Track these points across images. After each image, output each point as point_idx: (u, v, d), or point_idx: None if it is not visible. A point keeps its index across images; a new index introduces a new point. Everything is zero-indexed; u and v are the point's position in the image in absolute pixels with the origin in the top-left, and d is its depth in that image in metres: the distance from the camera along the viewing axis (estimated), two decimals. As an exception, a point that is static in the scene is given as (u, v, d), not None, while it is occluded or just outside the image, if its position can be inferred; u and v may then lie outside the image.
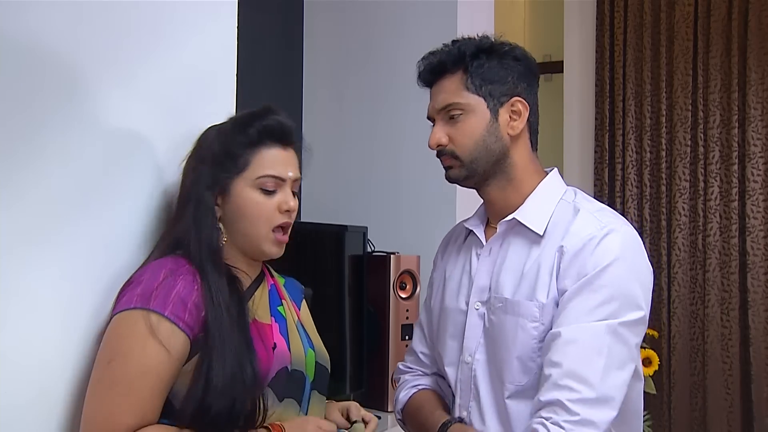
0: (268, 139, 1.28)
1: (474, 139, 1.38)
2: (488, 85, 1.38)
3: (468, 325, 1.42)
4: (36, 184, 1.14)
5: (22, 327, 1.12)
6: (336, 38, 2.86)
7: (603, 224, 1.32)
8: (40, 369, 1.16)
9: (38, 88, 1.15)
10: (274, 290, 1.38)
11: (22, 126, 1.12)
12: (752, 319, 3.30)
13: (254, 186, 1.27)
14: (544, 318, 1.31)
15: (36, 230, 1.15)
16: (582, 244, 1.30)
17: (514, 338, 1.33)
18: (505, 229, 1.42)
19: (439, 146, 1.41)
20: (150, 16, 1.37)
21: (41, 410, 1.16)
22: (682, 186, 3.48)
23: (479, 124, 1.38)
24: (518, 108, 1.39)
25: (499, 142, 1.38)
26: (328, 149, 2.82)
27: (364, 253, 2.25)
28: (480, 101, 1.38)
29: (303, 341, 1.35)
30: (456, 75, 1.39)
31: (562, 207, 1.39)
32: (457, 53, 1.39)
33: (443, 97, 1.40)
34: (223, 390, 1.15)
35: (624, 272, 1.28)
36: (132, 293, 1.18)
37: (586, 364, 1.23)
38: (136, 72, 1.34)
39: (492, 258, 1.43)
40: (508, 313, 1.35)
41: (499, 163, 1.39)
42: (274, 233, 1.29)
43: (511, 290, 1.36)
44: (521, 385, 1.33)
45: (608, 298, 1.26)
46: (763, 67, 3.37)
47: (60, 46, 1.18)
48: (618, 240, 1.30)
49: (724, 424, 3.32)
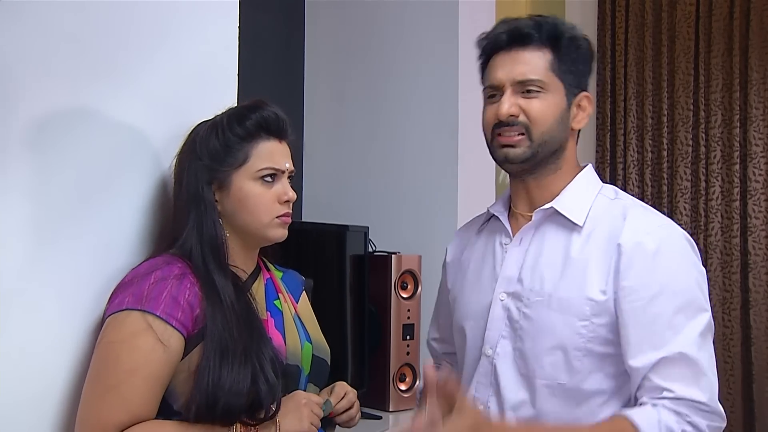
0: (265, 131, 1.30)
1: (549, 121, 1.31)
2: (569, 73, 1.33)
3: (491, 317, 1.36)
4: (37, 184, 1.14)
5: (22, 327, 1.12)
6: (337, 38, 2.86)
7: (660, 223, 1.31)
8: (41, 369, 1.16)
9: (39, 88, 1.15)
10: (271, 284, 1.39)
11: (22, 126, 1.12)
12: (754, 318, 3.30)
13: (254, 179, 1.28)
14: (596, 318, 1.26)
15: (37, 230, 1.15)
16: (643, 242, 1.26)
17: (558, 335, 1.28)
18: (540, 218, 1.36)
19: (511, 116, 1.31)
20: (152, 16, 1.37)
21: (42, 410, 1.17)
22: (683, 186, 3.48)
23: (557, 107, 1.32)
24: (584, 104, 1.36)
25: (565, 131, 1.34)
26: (329, 149, 2.82)
27: (365, 253, 2.25)
28: (560, 86, 1.32)
29: (300, 335, 1.36)
30: (543, 51, 1.32)
31: (603, 202, 1.34)
32: (551, 29, 1.32)
33: (526, 69, 1.31)
34: (236, 387, 1.16)
35: (692, 272, 1.28)
36: (124, 294, 1.19)
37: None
38: (138, 72, 1.34)
39: (523, 248, 1.36)
40: (552, 309, 1.29)
41: (557, 153, 1.34)
42: (278, 218, 1.31)
43: (552, 284, 1.30)
44: (561, 384, 1.28)
45: (684, 304, 1.25)
46: (765, 66, 3.37)
47: (60, 46, 1.18)
48: (678, 240, 1.29)
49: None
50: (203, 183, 1.27)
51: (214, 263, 1.24)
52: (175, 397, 1.20)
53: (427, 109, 2.58)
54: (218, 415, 1.15)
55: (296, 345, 1.33)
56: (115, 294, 1.21)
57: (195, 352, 1.19)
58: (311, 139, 2.82)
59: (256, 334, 1.23)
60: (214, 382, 1.15)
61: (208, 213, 1.27)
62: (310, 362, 1.35)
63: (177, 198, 1.31)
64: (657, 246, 1.26)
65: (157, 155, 1.37)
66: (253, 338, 1.22)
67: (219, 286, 1.22)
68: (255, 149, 1.29)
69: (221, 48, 1.55)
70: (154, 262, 1.23)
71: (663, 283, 1.25)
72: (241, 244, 1.32)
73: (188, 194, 1.28)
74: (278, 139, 1.32)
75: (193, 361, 1.19)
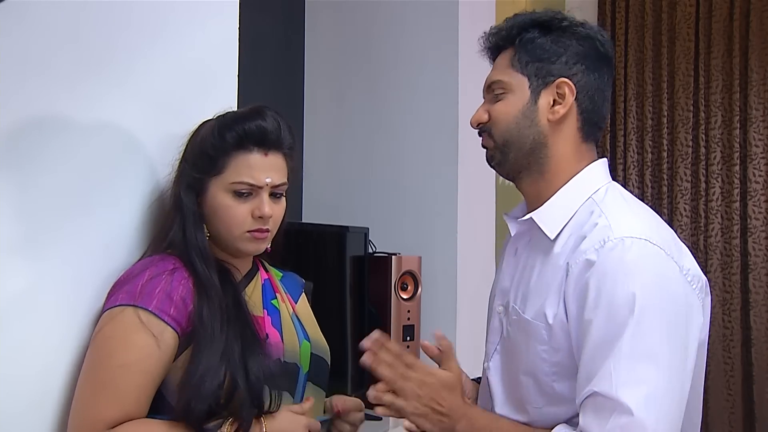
0: (249, 143, 1.25)
1: (507, 120, 1.23)
2: (535, 62, 1.22)
3: (490, 329, 1.32)
4: (35, 184, 1.14)
5: (22, 328, 1.12)
6: (337, 38, 2.86)
7: (607, 238, 1.11)
8: (40, 370, 1.16)
9: (38, 88, 1.15)
10: (268, 284, 1.38)
11: (22, 126, 1.12)
12: (754, 320, 3.30)
13: (227, 190, 1.26)
14: (553, 341, 1.15)
15: (36, 230, 1.14)
16: (584, 260, 1.11)
17: (525, 359, 1.19)
18: (526, 229, 1.26)
19: (479, 124, 1.27)
20: (152, 16, 1.36)
21: (41, 410, 1.16)
22: (683, 187, 3.48)
23: (516, 104, 1.23)
24: (564, 91, 1.21)
25: (534, 127, 1.22)
26: (329, 149, 2.82)
27: (365, 254, 2.25)
28: (523, 81, 1.23)
29: (298, 333, 1.35)
30: (507, 51, 1.26)
31: (586, 208, 1.19)
32: (510, 27, 1.26)
33: (491, 74, 1.28)
34: (210, 385, 1.15)
35: (630, 296, 1.07)
36: (119, 291, 1.20)
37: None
38: (138, 72, 1.34)
39: (516, 259, 1.29)
40: (521, 330, 1.21)
41: (534, 152, 1.22)
42: (249, 233, 1.27)
43: (523, 303, 1.21)
44: (538, 408, 1.19)
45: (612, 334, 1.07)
46: (765, 67, 3.37)
47: (60, 46, 1.18)
48: (624, 257, 1.09)
49: (725, 424, 3.31)
50: (185, 186, 1.28)
51: (199, 262, 1.24)
52: (171, 393, 1.20)
53: (427, 110, 2.58)
54: (196, 413, 1.15)
55: (294, 343, 1.33)
56: (111, 291, 1.22)
57: (190, 349, 1.19)
58: (311, 139, 2.81)
59: (246, 332, 1.22)
60: (193, 380, 1.15)
61: (187, 216, 1.27)
62: (308, 360, 1.35)
63: (170, 197, 1.33)
64: (596, 265, 1.10)
65: (157, 156, 1.37)
66: (240, 336, 1.21)
67: (207, 284, 1.22)
68: (233, 161, 1.25)
69: (221, 48, 1.54)
70: (149, 261, 1.24)
71: (598, 307, 1.09)
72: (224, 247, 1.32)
73: (173, 195, 1.30)
74: (264, 151, 1.26)
75: (187, 358, 1.19)
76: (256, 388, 1.19)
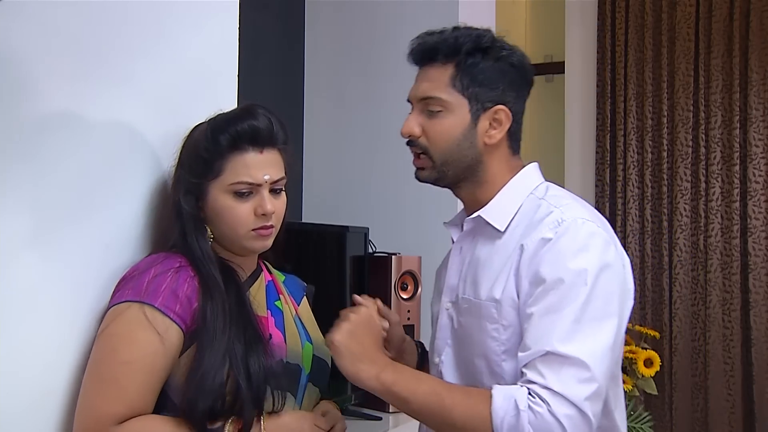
0: (243, 143, 1.26)
1: (449, 141, 1.29)
2: (476, 87, 1.28)
3: (439, 326, 1.39)
4: (37, 184, 1.14)
5: (22, 328, 1.12)
6: (337, 38, 2.86)
7: (561, 219, 1.23)
8: (41, 369, 1.16)
9: (38, 88, 1.15)
10: (272, 286, 1.39)
11: (23, 126, 1.12)
12: (754, 320, 3.30)
13: (228, 192, 1.26)
14: (502, 319, 1.24)
15: (36, 230, 1.15)
16: (543, 239, 1.21)
17: (477, 342, 1.27)
18: (473, 227, 1.35)
19: (410, 136, 1.32)
20: (152, 16, 1.37)
21: (44, 410, 1.16)
22: (683, 187, 3.47)
23: (457, 126, 1.29)
24: (500, 117, 1.30)
25: (473, 148, 1.30)
26: (329, 149, 2.82)
27: (365, 254, 2.25)
28: (463, 103, 1.28)
29: (300, 334, 1.36)
30: (446, 67, 1.29)
31: (532, 204, 1.30)
32: (453, 44, 1.29)
33: (427, 86, 1.30)
34: (211, 383, 1.16)
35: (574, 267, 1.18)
36: (125, 287, 1.20)
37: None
38: (138, 72, 1.34)
39: (462, 257, 1.37)
40: (473, 315, 1.29)
41: (471, 168, 1.31)
42: (255, 231, 1.28)
43: (474, 290, 1.30)
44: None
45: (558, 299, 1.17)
46: (765, 67, 3.36)
47: (60, 46, 1.18)
48: (577, 234, 1.21)
49: (725, 425, 3.31)
50: (184, 191, 1.28)
51: (201, 262, 1.25)
52: (175, 391, 1.21)
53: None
54: (199, 411, 1.15)
55: (297, 344, 1.34)
56: (116, 288, 1.22)
57: (194, 348, 1.19)
58: (311, 139, 2.81)
59: (248, 332, 1.23)
60: (196, 379, 1.16)
61: (187, 221, 1.28)
62: (310, 362, 1.35)
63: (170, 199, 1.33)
64: (553, 241, 1.21)
65: (157, 155, 1.37)
66: (243, 335, 1.22)
67: (210, 283, 1.23)
68: (230, 162, 1.26)
69: (221, 48, 1.55)
70: (155, 258, 1.25)
71: (553, 277, 1.18)
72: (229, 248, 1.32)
73: (172, 201, 1.30)
74: (259, 149, 1.27)
75: (190, 356, 1.19)
76: (258, 388, 1.19)
